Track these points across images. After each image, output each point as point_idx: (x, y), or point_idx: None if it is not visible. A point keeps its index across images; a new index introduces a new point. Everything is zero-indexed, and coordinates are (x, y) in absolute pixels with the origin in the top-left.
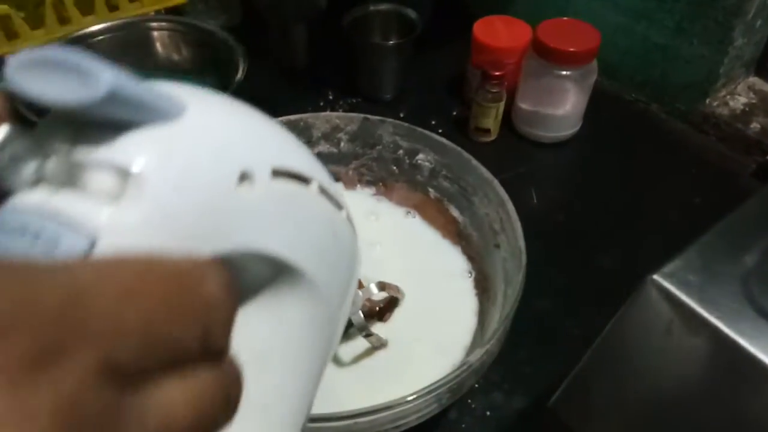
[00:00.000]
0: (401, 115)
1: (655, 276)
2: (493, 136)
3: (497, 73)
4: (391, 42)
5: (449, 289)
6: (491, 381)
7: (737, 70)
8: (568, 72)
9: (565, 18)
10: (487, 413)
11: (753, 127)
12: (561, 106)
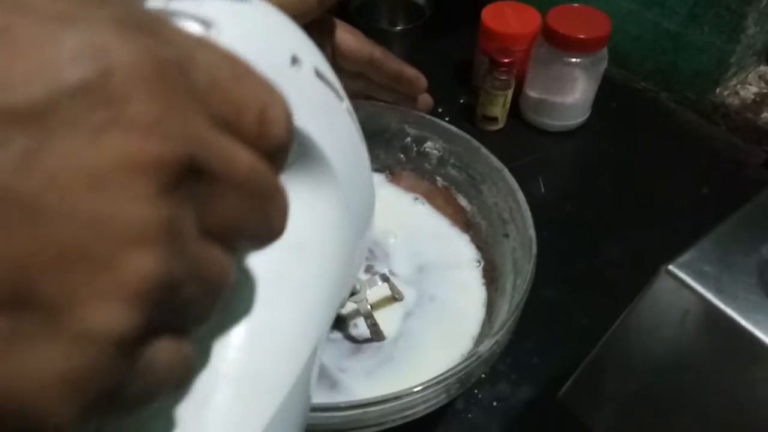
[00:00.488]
0: None
1: (671, 266)
2: (500, 125)
3: (506, 60)
4: (399, 28)
5: (458, 279)
6: (498, 371)
7: (749, 59)
8: (578, 59)
9: (576, 4)
10: (494, 404)
11: (764, 117)
12: (570, 94)
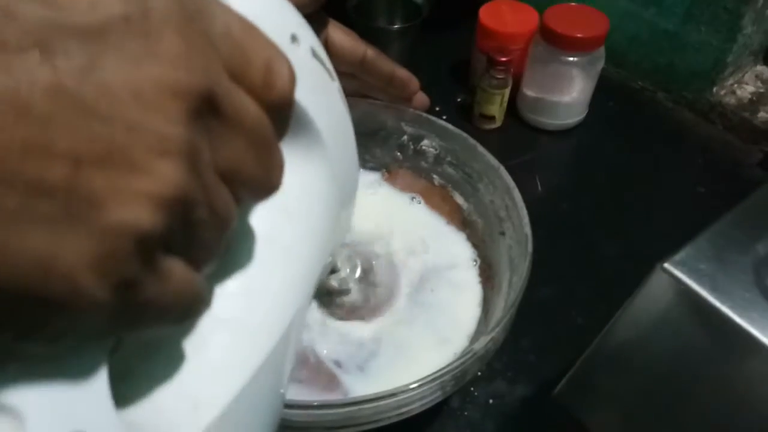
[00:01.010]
0: None
1: (666, 264)
2: (497, 123)
3: (503, 59)
4: (396, 26)
5: (454, 277)
6: (494, 369)
7: (745, 58)
8: (575, 58)
9: (573, 3)
10: (490, 401)
11: (760, 117)
12: (567, 93)
